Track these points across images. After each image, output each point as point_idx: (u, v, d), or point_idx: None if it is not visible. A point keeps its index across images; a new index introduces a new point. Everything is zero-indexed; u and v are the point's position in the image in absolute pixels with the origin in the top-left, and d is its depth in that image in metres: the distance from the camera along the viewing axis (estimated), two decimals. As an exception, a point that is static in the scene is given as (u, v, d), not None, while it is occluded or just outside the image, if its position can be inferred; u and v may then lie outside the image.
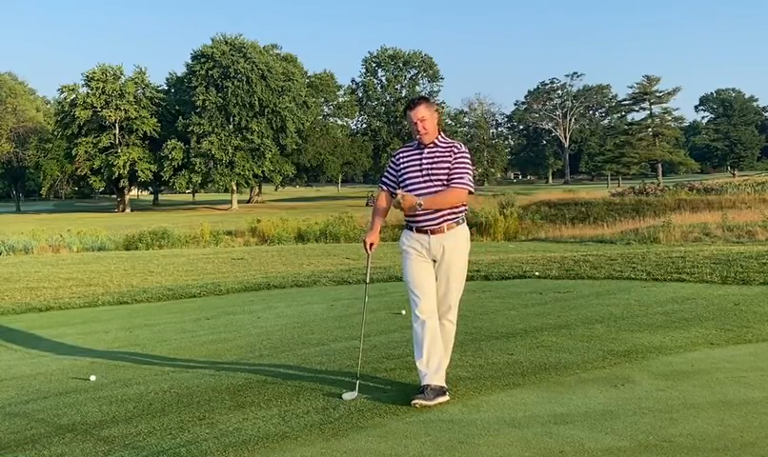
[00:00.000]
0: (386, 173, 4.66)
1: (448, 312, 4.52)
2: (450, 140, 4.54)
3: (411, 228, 4.50)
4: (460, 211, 4.47)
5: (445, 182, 4.41)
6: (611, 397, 4.27)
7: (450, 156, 4.43)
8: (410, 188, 4.45)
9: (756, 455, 3.33)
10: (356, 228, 32.39)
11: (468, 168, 4.44)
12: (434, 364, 4.35)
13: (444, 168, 4.41)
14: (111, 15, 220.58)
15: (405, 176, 4.49)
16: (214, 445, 3.70)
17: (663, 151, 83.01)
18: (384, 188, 4.67)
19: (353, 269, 13.16)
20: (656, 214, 32.60)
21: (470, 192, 4.44)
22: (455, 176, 4.40)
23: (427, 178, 4.42)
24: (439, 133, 4.52)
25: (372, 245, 4.59)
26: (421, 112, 4.42)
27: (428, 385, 4.28)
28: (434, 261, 4.47)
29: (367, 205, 55.16)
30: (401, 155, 4.59)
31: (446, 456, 3.46)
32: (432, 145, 4.47)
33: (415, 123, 4.42)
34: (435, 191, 4.39)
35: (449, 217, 4.41)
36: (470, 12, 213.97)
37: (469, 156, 4.50)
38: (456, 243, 4.43)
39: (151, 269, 15.47)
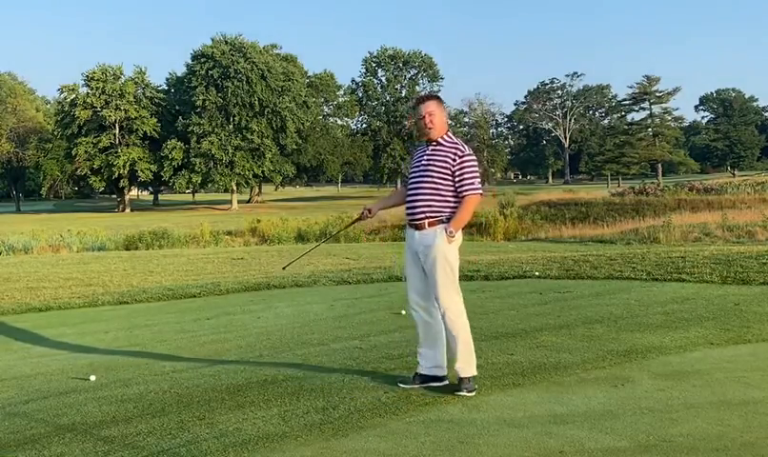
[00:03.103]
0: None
1: (441, 307, 4.57)
2: (455, 140, 4.58)
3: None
4: (443, 210, 4.50)
5: (439, 179, 4.47)
6: (611, 397, 4.27)
7: (452, 158, 4.47)
8: (408, 182, 4.65)
9: (756, 455, 3.34)
10: (356, 228, 32.34)
11: (474, 172, 4.49)
12: (431, 355, 4.61)
13: (441, 166, 4.48)
14: (112, 15, 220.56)
15: (410, 173, 4.68)
16: (214, 445, 3.70)
17: (663, 151, 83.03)
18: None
19: (353, 269, 13.15)
20: (656, 214, 32.53)
21: (480, 195, 4.52)
22: (464, 184, 4.46)
23: (421, 174, 4.55)
24: (446, 133, 4.59)
25: (369, 211, 4.90)
26: (431, 107, 4.56)
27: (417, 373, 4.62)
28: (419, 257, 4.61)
29: None
30: (415, 154, 4.77)
31: (446, 456, 3.46)
32: (436, 143, 4.56)
33: (423, 116, 4.52)
34: (426, 187, 4.50)
35: (429, 214, 4.50)
36: (470, 12, 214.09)
37: (474, 158, 4.54)
38: (436, 240, 4.48)
39: (151, 269, 15.44)
